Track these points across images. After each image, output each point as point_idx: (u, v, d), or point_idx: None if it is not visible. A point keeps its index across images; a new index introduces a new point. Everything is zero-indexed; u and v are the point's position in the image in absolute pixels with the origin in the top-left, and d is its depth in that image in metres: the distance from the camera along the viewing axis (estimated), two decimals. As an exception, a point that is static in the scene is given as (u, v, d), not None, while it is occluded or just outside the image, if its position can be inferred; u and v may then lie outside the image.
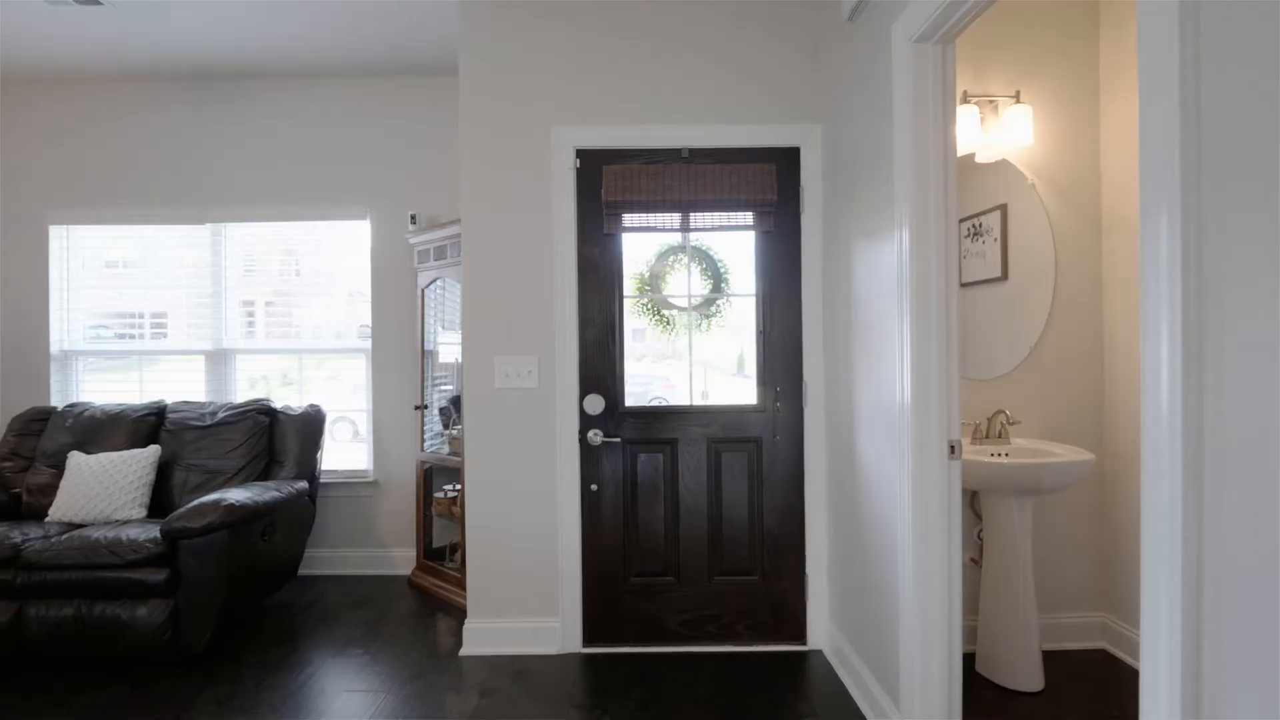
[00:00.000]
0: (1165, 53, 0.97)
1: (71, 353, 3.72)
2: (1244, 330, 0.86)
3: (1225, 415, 0.89)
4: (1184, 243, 0.93)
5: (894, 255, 1.94)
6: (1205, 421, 0.92)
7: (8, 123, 3.66)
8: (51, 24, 3.02)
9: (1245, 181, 0.86)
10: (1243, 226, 0.86)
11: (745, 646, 2.69)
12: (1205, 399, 0.92)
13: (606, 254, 2.69)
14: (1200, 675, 0.93)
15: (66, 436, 3.16)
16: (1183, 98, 0.94)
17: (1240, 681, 0.87)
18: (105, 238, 3.71)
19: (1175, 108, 0.95)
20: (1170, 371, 0.95)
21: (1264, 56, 0.84)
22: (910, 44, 1.78)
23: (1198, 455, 0.93)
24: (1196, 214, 0.93)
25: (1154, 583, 0.98)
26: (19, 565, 2.50)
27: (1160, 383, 0.97)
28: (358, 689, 2.37)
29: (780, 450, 2.71)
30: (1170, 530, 0.95)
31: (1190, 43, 0.94)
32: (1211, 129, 0.91)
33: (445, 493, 3.39)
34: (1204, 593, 0.92)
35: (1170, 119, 0.95)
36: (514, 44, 2.65)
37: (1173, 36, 0.95)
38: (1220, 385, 0.90)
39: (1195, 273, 0.93)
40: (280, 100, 3.62)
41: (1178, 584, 0.94)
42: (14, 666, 2.56)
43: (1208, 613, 0.92)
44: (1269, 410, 0.83)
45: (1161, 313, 0.96)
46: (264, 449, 3.18)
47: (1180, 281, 0.93)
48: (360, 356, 3.69)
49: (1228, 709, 0.89)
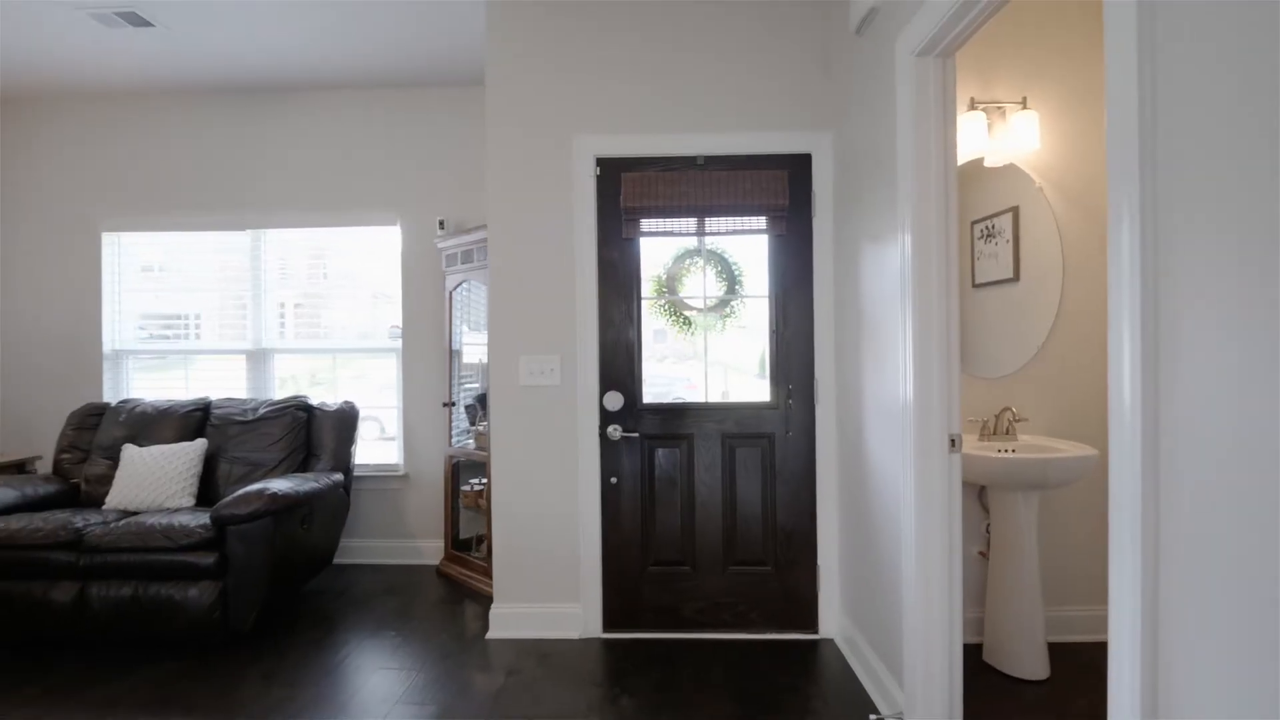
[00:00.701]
0: (1125, 58, 1.06)
1: (122, 352, 3.95)
2: (1193, 334, 0.95)
3: (1177, 413, 0.98)
4: (1143, 251, 1.03)
5: (897, 258, 2.03)
6: (1160, 419, 1.01)
7: (65, 136, 3.90)
8: (107, 45, 3.23)
9: (1195, 201, 0.95)
10: (1190, 241, 0.96)
11: (759, 634, 2.79)
12: (1161, 398, 1.01)
13: (625, 257, 2.81)
14: (1157, 632, 1.02)
15: (120, 430, 3.37)
16: (1140, 108, 1.03)
17: (1192, 639, 0.97)
18: (153, 244, 3.93)
19: (1134, 117, 1.04)
20: (1131, 372, 1.04)
21: (1218, 66, 0.93)
22: (912, 58, 1.88)
23: (1154, 449, 1.02)
24: (1154, 224, 1.02)
25: (1119, 560, 1.08)
26: (81, 548, 2.70)
27: (1123, 383, 1.06)
28: (391, 667, 2.53)
29: (793, 446, 2.81)
30: (1131, 513, 1.05)
31: (1148, 51, 1.03)
32: (1166, 139, 1.00)
33: (472, 486, 3.54)
34: (1160, 569, 1.02)
35: (1129, 127, 1.05)
36: (537, 59, 2.79)
37: (1131, 44, 1.04)
38: (1173, 386, 0.99)
39: (1153, 280, 1.02)
40: (316, 112, 3.81)
41: (1138, 561, 1.03)
42: (78, 642, 2.76)
43: (1163, 582, 1.01)
44: (1215, 408, 0.92)
45: (1123, 316, 1.05)
46: (302, 443, 3.37)
47: (1140, 288, 1.03)
48: (390, 356, 3.86)
49: (1182, 662, 0.99)
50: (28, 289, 3.91)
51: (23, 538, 2.70)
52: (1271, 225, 0.83)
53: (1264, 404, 0.84)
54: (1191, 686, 0.96)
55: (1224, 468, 0.90)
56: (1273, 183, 0.83)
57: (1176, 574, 0.99)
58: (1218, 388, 0.91)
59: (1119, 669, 1.08)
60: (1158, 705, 1.03)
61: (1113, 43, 1.08)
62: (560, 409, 2.80)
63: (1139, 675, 1.04)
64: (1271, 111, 0.83)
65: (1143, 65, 1.03)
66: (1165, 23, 1.00)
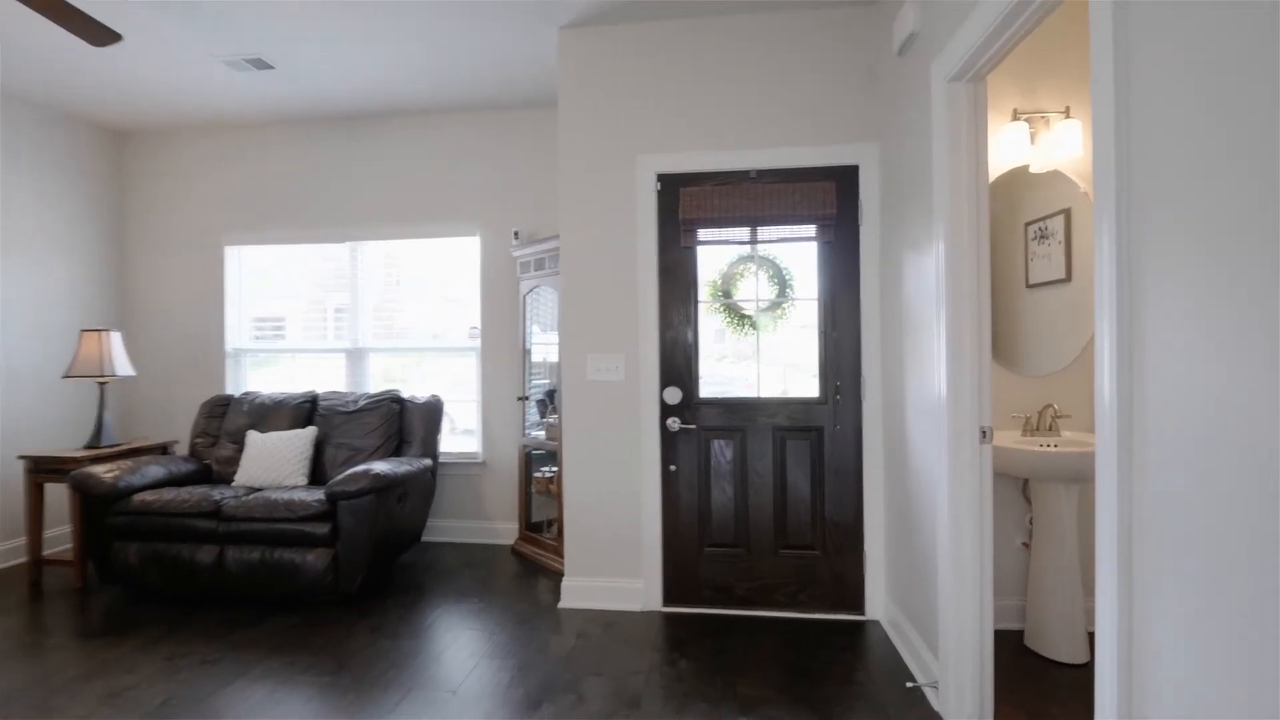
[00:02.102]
0: (1104, 68, 1.23)
1: (240, 350, 4.50)
2: (1159, 333, 1.13)
3: (1147, 407, 1.16)
4: (1118, 255, 1.21)
5: (933, 266, 2.21)
6: (1134, 410, 1.19)
7: (193, 162, 4.47)
8: (233, 85, 3.73)
9: (1164, 212, 1.13)
10: (1159, 249, 1.13)
11: (807, 614, 3.00)
12: (1134, 393, 1.19)
13: (683, 264, 3.07)
14: (1131, 593, 1.20)
15: (243, 419, 3.88)
16: (1116, 118, 1.21)
17: (1157, 592, 1.15)
18: (265, 255, 4.46)
19: (1110, 125, 1.21)
20: (1110, 368, 1.22)
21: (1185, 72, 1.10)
22: (945, 83, 2.06)
23: (1128, 439, 1.20)
24: (1129, 232, 1.20)
25: (1103, 535, 1.26)
26: (220, 517, 3.18)
27: (1104, 378, 1.24)
28: (475, 628, 2.88)
29: (840, 438, 3.00)
30: (1111, 494, 1.23)
31: (1123, 56, 1.20)
32: (1140, 146, 1.17)
33: (543, 473, 3.88)
34: (1133, 532, 1.20)
35: (1107, 133, 1.22)
36: (603, 86, 3.08)
37: (1108, 49, 1.22)
38: (1144, 382, 1.17)
39: (1127, 281, 1.20)
40: (406, 134, 4.23)
41: (1114, 525, 1.22)
42: (218, 596, 3.24)
43: (1135, 544, 1.19)
44: (1179, 402, 1.10)
45: (1105, 316, 1.24)
46: (395, 431, 3.78)
47: (1115, 289, 1.21)
48: (469, 355, 4.25)
49: (1153, 602, 1.16)
50: (163, 296, 4.51)
51: (174, 507, 3.20)
52: (1225, 236, 1.01)
53: (1216, 392, 1.02)
54: (1157, 627, 1.14)
55: (1181, 445, 1.08)
56: (1236, 192, 1.00)
57: (1148, 538, 1.17)
58: (1178, 377, 1.09)
59: (1105, 614, 1.26)
60: (1132, 646, 1.21)
61: (1095, 54, 1.26)
62: (624, 403, 3.08)
63: (1115, 617, 1.22)
64: (1236, 122, 0.97)
65: (1119, 76, 1.20)
66: (1137, 28, 1.16)
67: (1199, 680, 1.04)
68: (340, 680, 2.43)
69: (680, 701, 2.28)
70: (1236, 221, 0.95)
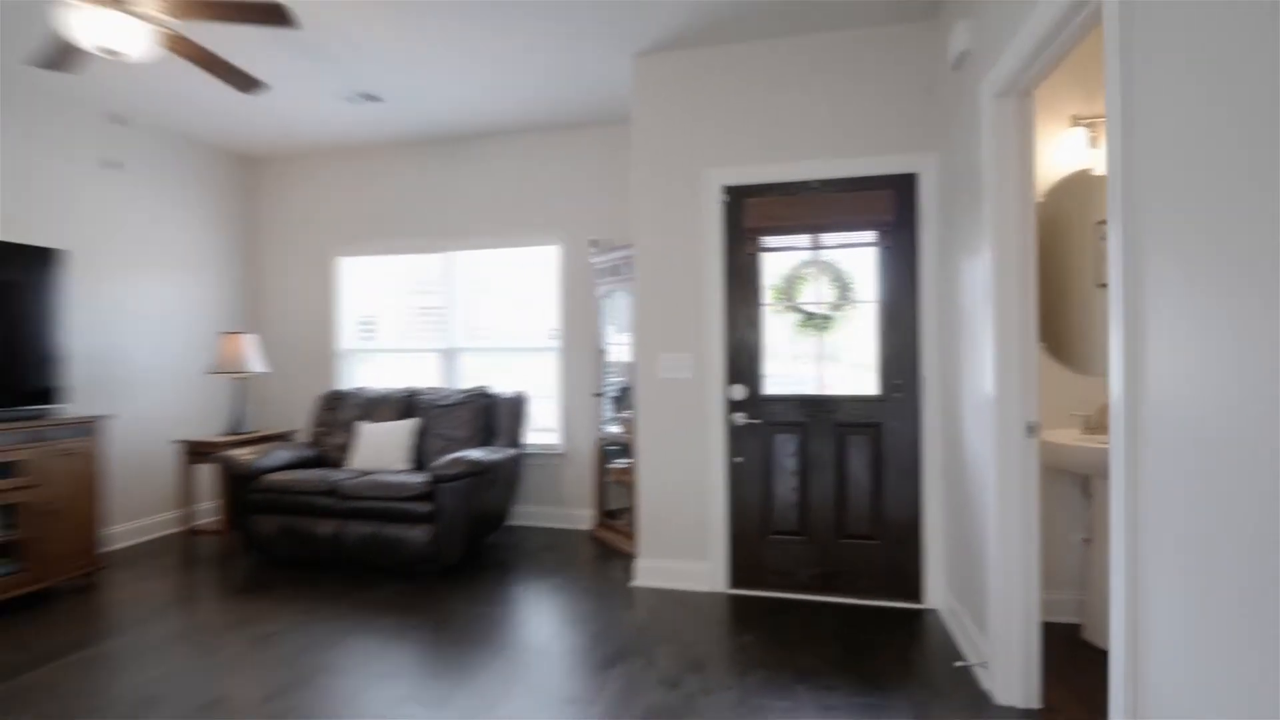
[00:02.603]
0: (1111, 62, 1.37)
1: (349, 350, 5.03)
2: (1158, 331, 1.27)
3: (1149, 399, 1.30)
4: (1125, 256, 1.35)
5: (984, 270, 2.34)
6: (1139, 404, 1.33)
7: (312, 183, 5.04)
8: (346, 116, 4.22)
9: (1162, 211, 1.27)
10: (1158, 251, 1.27)
11: (866, 600, 3.15)
12: (1139, 389, 1.33)
13: (747, 269, 3.29)
14: (1137, 582, 1.35)
15: (354, 411, 4.37)
16: (1123, 123, 1.35)
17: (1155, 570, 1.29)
18: (370, 265, 4.98)
19: (1118, 130, 1.35)
20: (1118, 364, 1.37)
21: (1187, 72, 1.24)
22: (993, 98, 2.19)
23: (1134, 432, 1.34)
24: (1135, 233, 1.34)
25: (1116, 520, 1.40)
26: (338, 495, 3.65)
27: (1117, 373, 1.39)
28: (555, 599, 3.20)
29: (899, 435, 3.13)
30: (1118, 475, 1.37)
31: (1128, 53, 1.33)
32: (1144, 146, 1.30)
33: (617, 464, 4.18)
34: (1139, 518, 1.34)
35: (1115, 139, 1.36)
36: (673, 106, 3.34)
37: (1115, 46, 1.36)
38: (1145, 376, 1.31)
39: (1134, 284, 1.34)
40: (493, 153, 4.64)
41: (1121, 512, 1.36)
42: (336, 564, 3.72)
43: (1141, 531, 1.33)
44: (1173, 394, 1.24)
45: (1116, 317, 1.38)
46: (485, 424, 4.17)
47: (1123, 287, 1.35)
48: (549, 354, 4.61)
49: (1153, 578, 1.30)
50: (285, 303, 5.11)
51: (299, 486, 3.69)
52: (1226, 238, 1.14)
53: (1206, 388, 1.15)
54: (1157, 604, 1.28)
55: (1178, 442, 1.22)
56: (1237, 194, 1.13)
57: (1151, 523, 1.31)
58: (1174, 374, 1.23)
59: (1117, 593, 1.41)
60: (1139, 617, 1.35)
61: (1106, 52, 1.40)
62: (692, 398, 3.33)
63: (1124, 591, 1.37)
64: (1237, 123, 1.06)
65: (1126, 84, 1.34)
66: (1141, 28, 1.29)
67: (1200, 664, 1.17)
68: (442, 636, 2.79)
69: (742, 668, 2.50)
70: (1237, 225, 1.04)
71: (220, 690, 2.38)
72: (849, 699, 2.29)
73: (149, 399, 4.35)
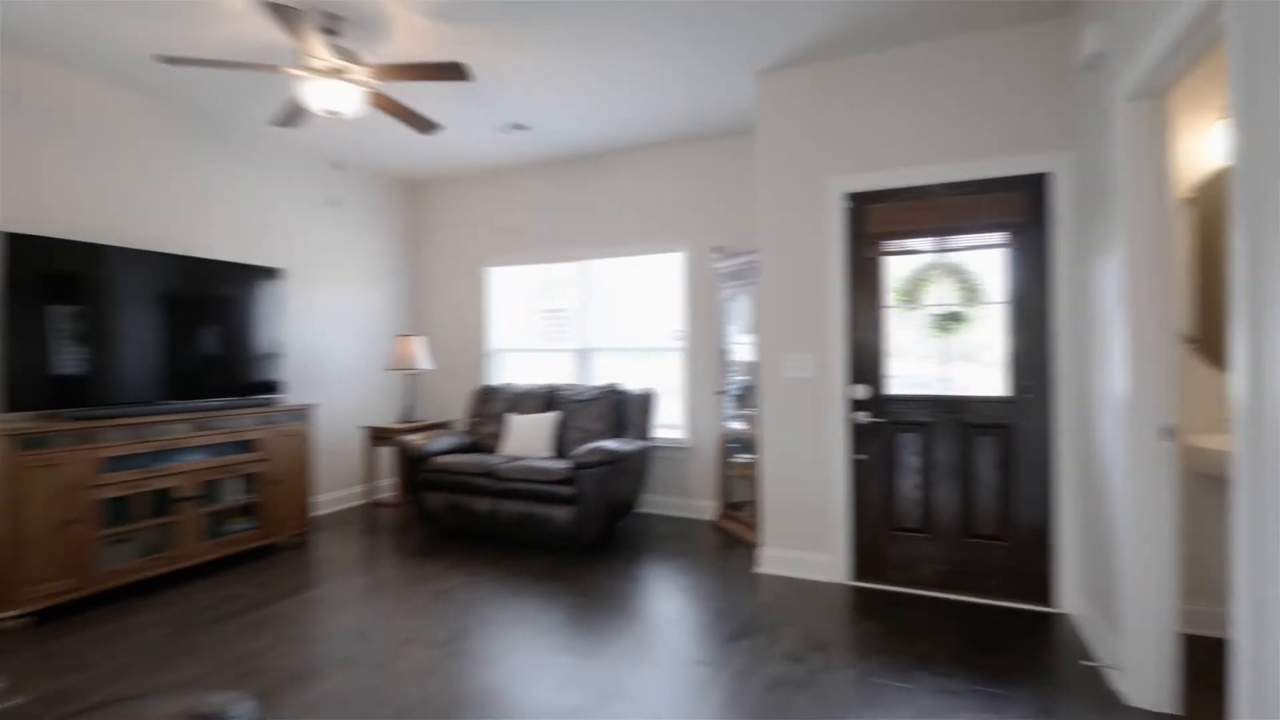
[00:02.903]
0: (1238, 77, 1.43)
1: (497, 350, 5.63)
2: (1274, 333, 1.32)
3: (1267, 402, 1.35)
4: (1249, 254, 1.40)
5: (1118, 271, 2.34)
6: (1264, 404, 1.38)
7: (466, 202, 5.69)
8: (496, 143, 4.77)
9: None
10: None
11: (992, 600, 3.17)
12: (1262, 391, 1.38)
13: (869, 272, 3.40)
14: (1264, 582, 1.40)
15: (503, 404, 4.92)
16: (1249, 123, 1.40)
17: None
18: (514, 274, 5.54)
19: (1244, 131, 1.41)
20: (1242, 363, 1.42)
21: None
22: (1125, 102, 2.20)
23: (1258, 433, 1.39)
24: (1258, 230, 1.39)
25: (1239, 523, 1.45)
26: (494, 476, 4.17)
27: (1241, 373, 1.44)
28: (684, 579, 3.49)
29: (1029, 435, 3.12)
30: (1245, 483, 1.43)
31: (1250, 55, 1.39)
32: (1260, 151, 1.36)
33: (739, 459, 4.41)
34: (1266, 521, 1.39)
35: (1240, 140, 1.41)
36: (796, 118, 3.52)
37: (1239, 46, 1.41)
38: (1272, 376, 1.36)
39: (1258, 280, 1.39)
40: (623, 167, 5.02)
41: (1247, 520, 1.42)
42: (492, 539, 4.25)
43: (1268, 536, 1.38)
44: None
45: (1241, 310, 1.43)
46: (617, 418, 4.56)
47: (1248, 285, 1.40)
48: (674, 354, 4.91)
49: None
50: (444, 308, 5.81)
51: (461, 467, 4.26)
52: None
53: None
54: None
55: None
56: None
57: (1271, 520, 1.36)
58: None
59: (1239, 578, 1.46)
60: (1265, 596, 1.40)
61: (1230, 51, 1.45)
62: (815, 397, 3.49)
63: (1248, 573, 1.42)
64: None
65: (1249, 83, 1.39)
66: (1265, 38, 1.36)
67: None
68: (587, 603, 3.18)
69: (862, 651, 2.66)
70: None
71: (413, 631, 2.89)
72: (970, 686, 2.39)
73: (342, 390, 5.16)
